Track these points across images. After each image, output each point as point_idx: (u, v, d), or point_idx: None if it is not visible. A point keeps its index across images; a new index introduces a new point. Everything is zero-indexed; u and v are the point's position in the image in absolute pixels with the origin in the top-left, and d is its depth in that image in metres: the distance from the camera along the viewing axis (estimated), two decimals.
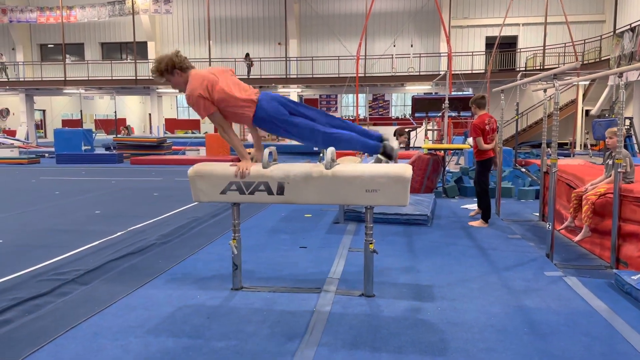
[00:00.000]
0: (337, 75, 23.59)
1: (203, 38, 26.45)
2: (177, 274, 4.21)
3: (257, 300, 3.58)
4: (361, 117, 20.86)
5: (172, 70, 3.41)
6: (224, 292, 3.73)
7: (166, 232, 5.60)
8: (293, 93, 25.20)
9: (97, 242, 5.18)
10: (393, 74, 23.48)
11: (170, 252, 4.88)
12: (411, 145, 17.88)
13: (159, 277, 4.10)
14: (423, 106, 12.71)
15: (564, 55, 22.04)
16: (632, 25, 16.06)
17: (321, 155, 14.79)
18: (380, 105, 29.32)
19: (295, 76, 24.60)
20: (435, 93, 19.25)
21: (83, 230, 5.82)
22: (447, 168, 9.48)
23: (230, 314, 3.34)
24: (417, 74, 23.28)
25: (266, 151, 3.58)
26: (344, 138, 3.41)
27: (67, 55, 27.50)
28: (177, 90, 21.99)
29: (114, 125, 23.41)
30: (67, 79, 25.30)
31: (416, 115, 13.00)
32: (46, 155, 18.69)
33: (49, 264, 4.38)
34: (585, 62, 20.45)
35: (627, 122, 13.79)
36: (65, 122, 30.36)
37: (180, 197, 8.22)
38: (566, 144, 19.52)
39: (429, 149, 9.21)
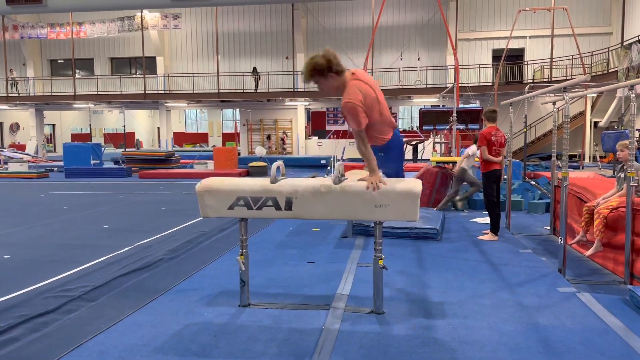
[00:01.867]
0: None
1: (211, 52, 26.67)
2: (185, 290, 4.17)
3: (265, 317, 3.53)
4: None
5: (327, 73, 3.25)
6: (232, 309, 3.68)
7: (173, 247, 5.57)
8: (300, 106, 25.29)
9: (104, 258, 5.16)
10: (400, 86, 23.50)
11: (177, 268, 4.85)
12: (419, 158, 17.85)
13: (166, 294, 4.06)
14: (430, 119, 12.68)
15: (572, 67, 21.96)
16: None
17: (329, 168, 14.73)
18: None
19: (302, 89, 24.69)
20: (443, 106, 19.21)
21: (91, 245, 5.81)
22: None
23: (237, 331, 3.29)
24: (424, 86, 23.29)
25: (274, 166, 3.55)
26: None
27: (77, 70, 27.81)
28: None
29: (123, 139, 23.57)
30: (76, 93, 25.57)
31: (424, 128, 12.95)
32: (55, 169, 18.82)
33: (56, 280, 4.36)
34: (593, 74, 20.35)
35: (637, 134, 13.67)
36: (74, 136, 30.62)
37: (188, 211, 8.21)
38: (575, 155, 19.37)
39: (437, 162, 9.16)
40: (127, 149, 20.95)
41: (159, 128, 27.70)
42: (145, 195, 11.04)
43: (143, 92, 25.10)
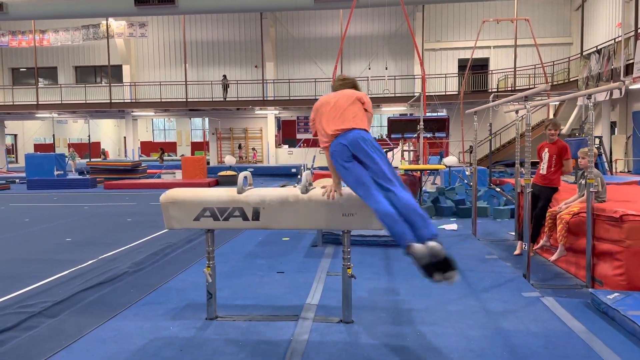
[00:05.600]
0: (313, 97, 23.71)
1: (179, 61, 26.37)
2: (150, 304, 4.08)
3: (233, 330, 3.48)
4: None
5: None
6: (198, 322, 3.62)
7: (139, 259, 5.45)
8: (270, 115, 25.22)
9: (66, 272, 5.01)
10: (369, 95, 23.71)
11: (142, 281, 4.74)
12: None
13: (130, 308, 3.96)
14: (399, 127, 12.78)
15: (534, 77, 22.58)
16: (598, 47, 16.59)
17: (299, 177, 14.71)
18: None
19: (272, 98, 24.66)
20: (411, 114, 19.47)
21: (52, 260, 5.63)
22: (424, 188, 9.52)
23: (204, 345, 3.23)
24: (393, 95, 23.56)
25: (241, 175, 3.52)
26: (379, 210, 3.01)
27: (40, 79, 27.10)
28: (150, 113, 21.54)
29: (88, 149, 23.02)
30: (39, 103, 24.88)
31: (392, 136, 13.06)
32: (17, 181, 18.23)
33: (15, 296, 4.21)
34: (554, 83, 20.97)
35: (597, 141, 14.14)
36: (37, 147, 29.77)
37: (154, 222, 8.05)
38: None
39: (406, 170, 9.25)
40: (92, 159, 20.47)
41: (125, 137, 27.16)
42: (110, 207, 10.80)
43: (109, 101, 24.61)
